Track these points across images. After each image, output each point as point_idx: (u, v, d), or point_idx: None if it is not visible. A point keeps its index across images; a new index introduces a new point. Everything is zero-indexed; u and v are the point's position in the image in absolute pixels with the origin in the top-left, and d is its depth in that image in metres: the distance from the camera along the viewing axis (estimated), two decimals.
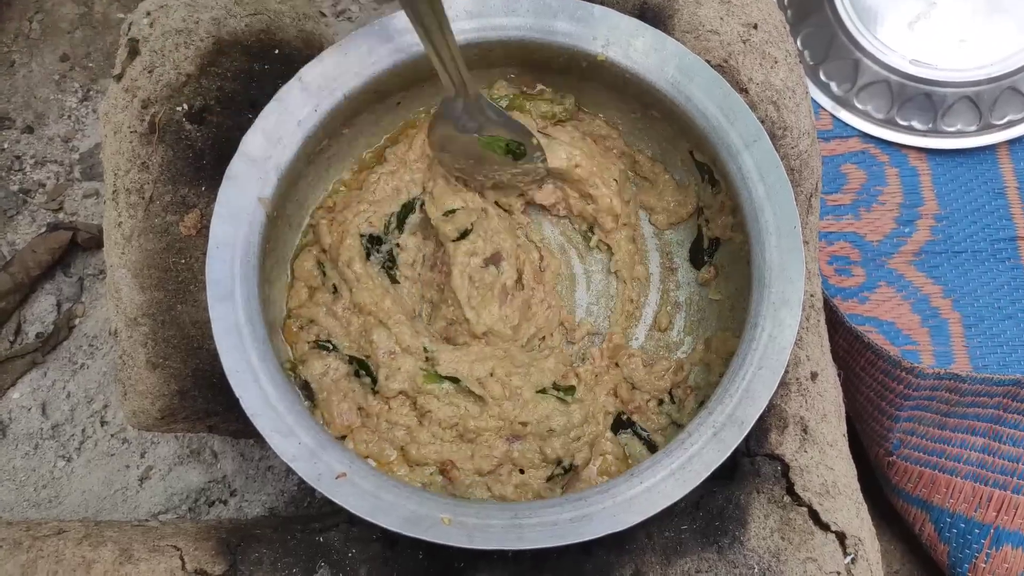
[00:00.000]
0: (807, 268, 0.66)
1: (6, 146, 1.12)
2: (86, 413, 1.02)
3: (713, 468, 0.60)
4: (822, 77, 1.02)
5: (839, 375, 0.77)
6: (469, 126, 0.68)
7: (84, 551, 0.66)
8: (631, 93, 0.72)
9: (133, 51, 0.72)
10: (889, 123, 1.00)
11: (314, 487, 0.58)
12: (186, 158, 0.70)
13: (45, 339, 1.04)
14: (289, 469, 0.59)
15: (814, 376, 0.72)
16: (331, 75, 0.67)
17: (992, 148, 1.00)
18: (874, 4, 1.01)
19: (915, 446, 0.88)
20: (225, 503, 0.98)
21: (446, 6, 0.68)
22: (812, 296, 0.74)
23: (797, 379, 0.71)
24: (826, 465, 0.70)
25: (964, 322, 0.95)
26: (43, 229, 1.08)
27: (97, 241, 1.06)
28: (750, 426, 0.61)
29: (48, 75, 1.15)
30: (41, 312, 1.06)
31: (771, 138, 0.67)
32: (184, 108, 0.71)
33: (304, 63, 0.67)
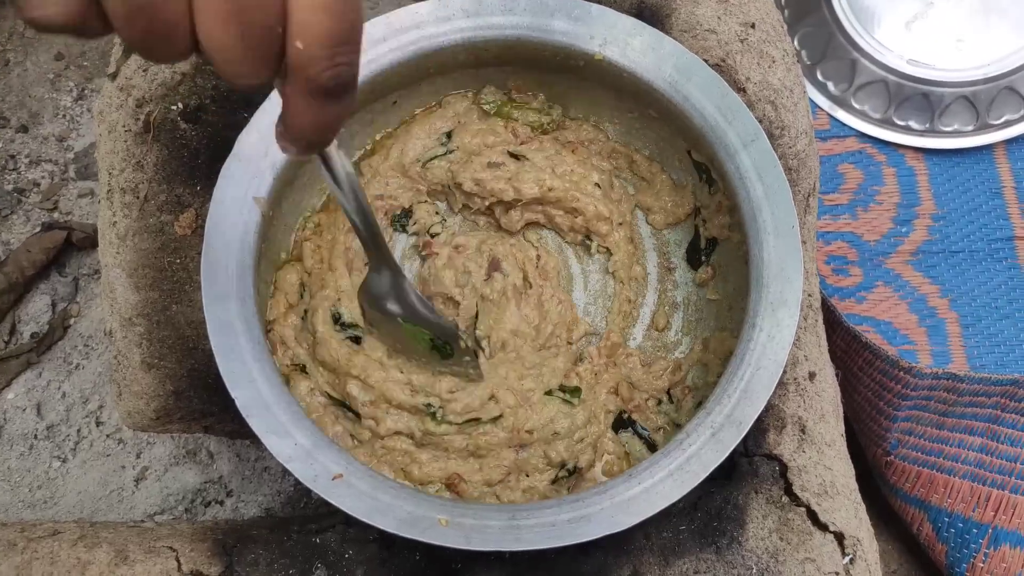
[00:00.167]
0: (805, 268, 0.66)
1: (0, 145, 1.11)
2: (81, 413, 1.01)
3: (711, 469, 0.60)
4: (819, 77, 1.02)
5: (837, 375, 0.76)
6: (392, 308, 0.64)
7: (79, 552, 0.65)
8: (628, 92, 0.72)
9: (128, 50, 0.71)
10: (886, 123, 1.00)
11: (310, 488, 0.58)
12: (181, 157, 0.70)
13: (40, 339, 1.03)
14: (285, 470, 0.59)
15: (812, 376, 0.72)
16: None
17: (989, 148, 1.00)
18: (871, 4, 1.01)
19: (913, 446, 0.88)
20: (221, 504, 0.98)
21: (443, 4, 0.68)
22: (810, 296, 0.74)
23: (795, 379, 0.71)
24: (824, 465, 0.70)
25: (961, 322, 0.95)
26: (38, 229, 1.07)
27: (92, 241, 1.05)
28: (748, 426, 0.61)
29: (43, 74, 1.15)
30: (36, 312, 1.05)
31: (769, 137, 0.67)
32: (179, 107, 0.70)
33: None
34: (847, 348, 0.90)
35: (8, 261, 1.03)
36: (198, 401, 0.71)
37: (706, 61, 0.69)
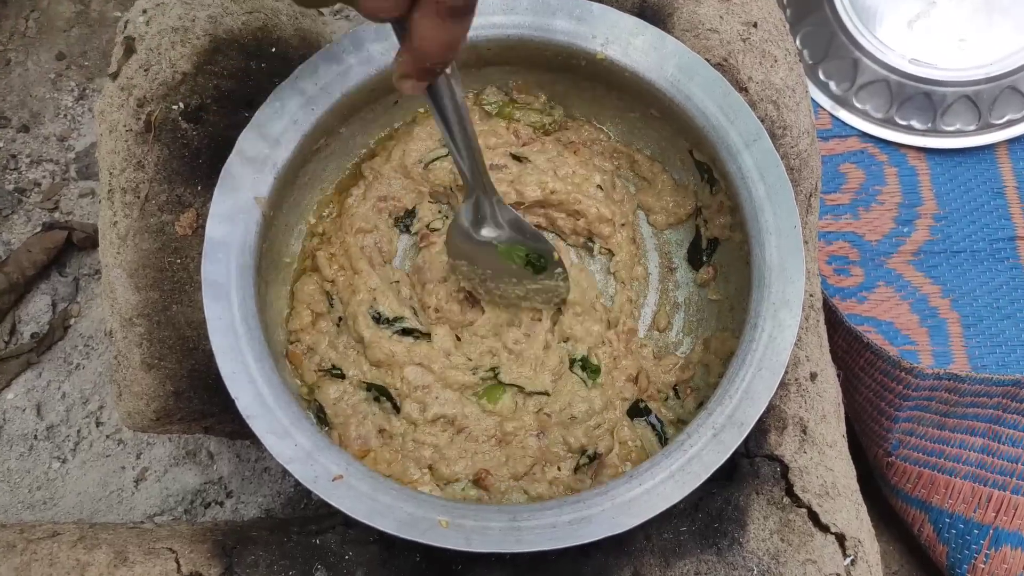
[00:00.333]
0: (807, 268, 0.66)
1: (1, 145, 1.11)
2: (81, 414, 1.01)
3: (712, 470, 0.60)
4: (821, 76, 1.02)
5: (838, 375, 0.76)
6: (487, 232, 0.67)
7: (79, 554, 0.65)
8: (630, 92, 0.71)
9: (129, 49, 0.71)
10: (888, 122, 1.00)
11: (310, 489, 0.58)
12: (182, 157, 0.70)
13: (40, 339, 1.03)
14: (285, 470, 0.59)
15: (813, 376, 0.72)
16: (329, 73, 0.66)
17: (991, 148, 0.99)
18: (873, 3, 1.00)
19: (914, 446, 0.88)
20: (221, 504, 0.98)
21: None
22: (811, 296, 0.73)
23: (796, 379, 0.71)
24: (825, 466, 0.70)
25: (963, 322, 0.95)
26: (38, 228, 1.07)
27: (93, 241, 1.05)
28: (750, 427, 0.61)
29: (44, 74, 1.15)
30: (36, 312, 1.05)
31: (771, 137, 0.67)
32: (180, 107, 0.70)
33: (301, 61, 0.66)
34: (848, 348, 0.90)
35: (9, 261, 1.03)
36: (198, 401, 0.70)
37: (708, 61, 0.69)
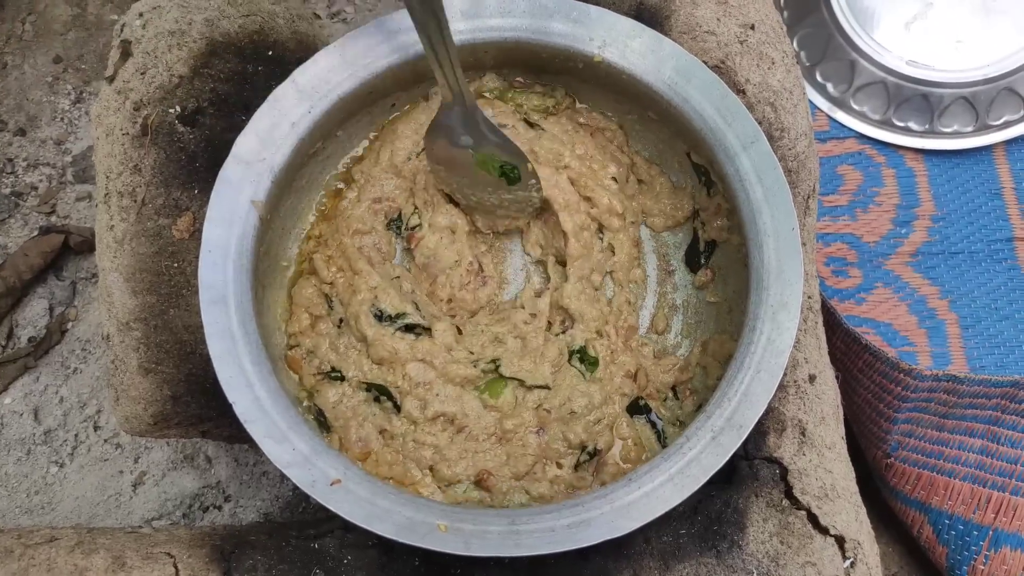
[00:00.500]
0: (805, 270, 0.66)
1: None
2: (79, 418, 1.01)
3: (712, 473, 0.60)
4: (818, 78, 1.02)
5: (837, 377, 0.76)
6: (464, 140, 0.67)
7: (76, 559, 0.65)
8: (628, 94, 0.71)
9: (125, 53, 0.71)
10: (886, 124, 1.00)
11: (308, 493, 0.58)
12: (179, 160, 0.70)
13: (37, 343, 1.03)
14: (284, 475, 0.59)
15: (812, 378, 0.72)
16: (326, 76, 0.66)
17: (989, 149, 1.00)
18: (871, 5, 1.00)
19: (913, 448, 0.88)
20: (219, 509, 0.98)
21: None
22: (810, 298, 0.73)
23: (795, 382, 0.71)
24: (825, 468, 0.70)
25: (961, 323, 0.95)
26: (35, 232, 1.07)
27: (90, 244, 1.05)
28: (749, 430, 0.61)
29: (41, 77, 1.14)
30: (33, 316, 1.05)
31: (768, 139, 0.67)
32: (177, 110, 0.70)
33: (298, 64, 0.66)
34: (847, 350, 0.90)
35: (5, 265, 1.03)
36: (196, 406, 0.70)
37: (705, 63, 0.69)
